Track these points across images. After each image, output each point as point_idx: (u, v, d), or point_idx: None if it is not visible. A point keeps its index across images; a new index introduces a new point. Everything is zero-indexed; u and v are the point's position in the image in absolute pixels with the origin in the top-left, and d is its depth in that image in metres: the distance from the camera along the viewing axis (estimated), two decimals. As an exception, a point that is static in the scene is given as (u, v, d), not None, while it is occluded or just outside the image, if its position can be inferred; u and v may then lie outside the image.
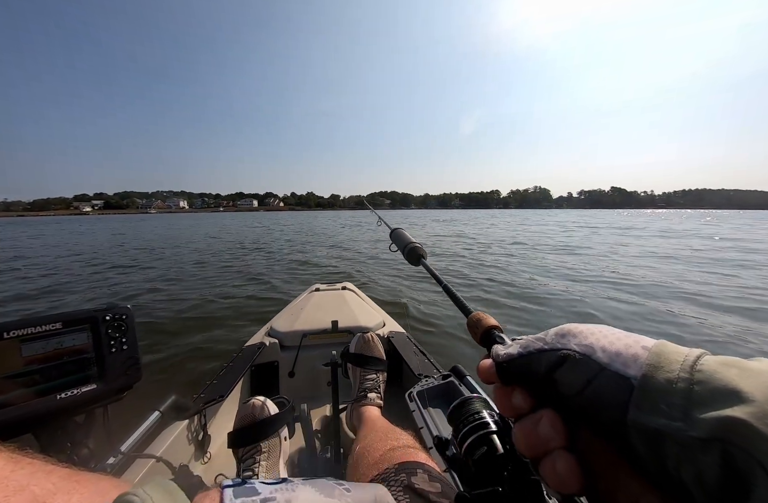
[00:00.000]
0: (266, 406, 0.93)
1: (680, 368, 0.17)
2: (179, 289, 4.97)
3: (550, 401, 0.22)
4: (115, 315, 0.67)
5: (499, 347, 0.26)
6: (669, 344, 0.19)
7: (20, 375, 0.57)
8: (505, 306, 3.94)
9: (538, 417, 0.22)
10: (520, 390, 0.24)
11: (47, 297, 4.57)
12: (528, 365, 0.23)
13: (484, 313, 0.39)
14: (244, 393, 1.41)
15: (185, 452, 1.01)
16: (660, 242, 11.82)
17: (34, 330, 0.58)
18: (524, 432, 0.22)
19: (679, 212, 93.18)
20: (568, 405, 0.21)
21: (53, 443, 0.61)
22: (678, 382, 0.17)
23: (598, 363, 0.20)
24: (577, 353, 0.21)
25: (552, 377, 0.21)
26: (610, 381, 0.19)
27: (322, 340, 1.56)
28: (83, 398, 0.62)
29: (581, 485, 0.19)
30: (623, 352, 0.19)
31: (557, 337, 0.23)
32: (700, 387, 0.16)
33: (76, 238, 15.97)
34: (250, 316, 3.67)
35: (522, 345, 0.24)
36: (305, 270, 6.50)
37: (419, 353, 1.44)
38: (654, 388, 0.17)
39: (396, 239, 0.93)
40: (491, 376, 0.26)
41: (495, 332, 0.35)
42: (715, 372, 0.17)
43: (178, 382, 2.25)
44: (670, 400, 0.17)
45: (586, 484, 0.19)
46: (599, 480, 0.19)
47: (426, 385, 1.14)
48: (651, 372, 0.18)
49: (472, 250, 9.32)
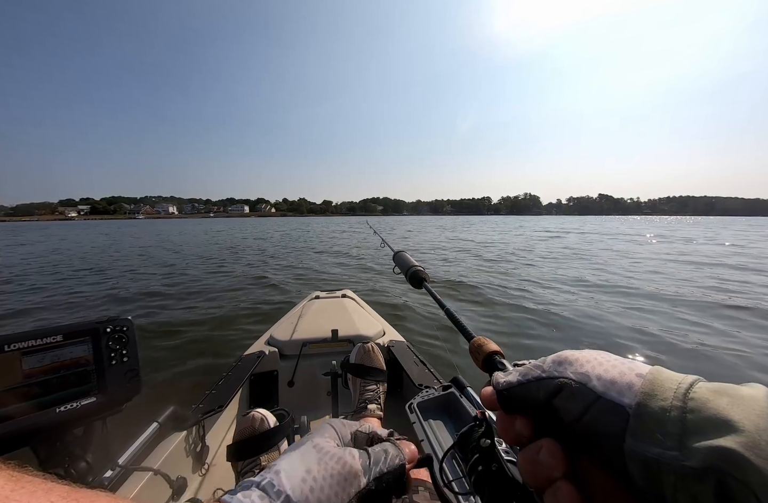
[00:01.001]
0: (266, 418, 0.91)
1: (673, 396, 0.18)
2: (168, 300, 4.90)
3: (551, 428, 0.22)
4: (116, 327, 0.67)
5: (499, 375, 0.27)
6: (664, 371, 0.20)
7: (20, 388, 0.57)
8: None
9: (539, 445, 0.22)
10: (521, 418, 0.24)
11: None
12: (527, 393, 0.23)
13: (485, 338, 0.40)
14: (243, 403, 1.39)
15: (183, 464, 0.99)
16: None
17: (35, 343, 0.58)
18: (527, 461, 0.22)
19: (680, 219, 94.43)
20: (568, 433, 0.21)
21: (51, 456, 0.60)
22: (671, 411, 0.17)
23: (594, 392, 0.20)
24: (573, 382, 0.21)
25: (551, 404, 0.22)
26: (606, 410, 0.19)
27: (322, 349, 1.54)
28: (83, 411, 0.62)
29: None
30: (618, 380, 0.20)
31: (554, 365, 0.23)
32: (693, 415, 0.17)
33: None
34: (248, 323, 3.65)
35: (521, 373, 0.25)
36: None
37: (419, 363, 1.42)
38: (648, 417, 0.17)
39: (399, 261, 0.93)
40: (493, 403, 0.26)
41: (496, 357, 0.36)
42: (708, 401, 0.17)
43: (177, 392, 2.22)
44: (665, 429, 0.17)
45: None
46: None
47: (426, 396, 1.12)
48: (645, 401, 0.18)
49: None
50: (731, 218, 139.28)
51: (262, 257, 9.71)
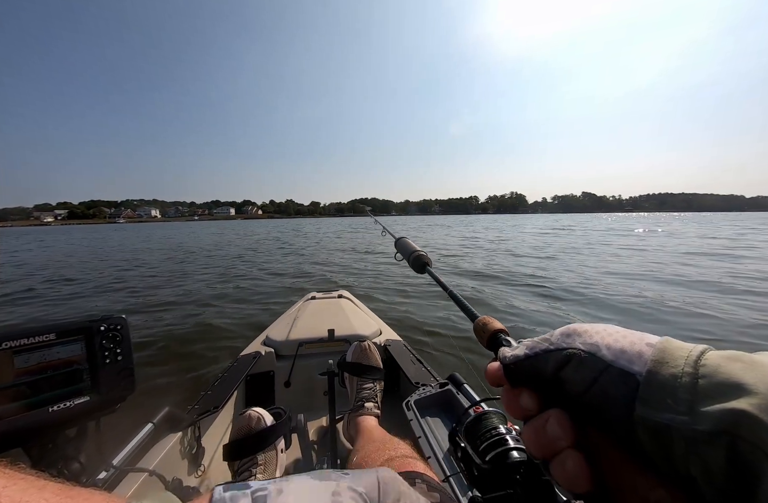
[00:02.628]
0: (262, 417, 0.91)
1: (684, 363, 0.17)
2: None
3: (558, 401, 0.22)
4: (110, 326, 0.66)
5: (505, 350, 0.26)
6: (673, 340, 0.19)
7: (12, 388, 0.56)
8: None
9: (546, 417, 0.22)
10: (527, 391, 0.24)
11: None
12: (535, 366, 0.23)
13: (490, 317, 0.40)
14: (239, 404, 1.38)
15: (179, 465, 0.98)
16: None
17: (27, 341, 0.57)
18: (533, 433, 0.22)
19: (674, 216, 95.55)
20: (576, 404, 0.21)
21: (44, 457, 0.59)
22: (683, 377, 0.17)
23: (604, 361, 0.20)
24: (582, 352, 0.21)
25: (559, 376, 0.21)
26: (615, 378, 0.19)
27: (318, 349, 1.54)
28: (76, 411, 0.61)
29: (591, 483, 0.19)
30: (628, 349, 0.19)
31: (562, 337, 0.23)
32: (704, 380, 0.16)
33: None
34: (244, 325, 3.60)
35: (528, 346, 0.24)
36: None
37: (416, 362, 1.43)
38: (659, 383, 0.17)
39: (401, 248, 0.93)
40: (499, 378, 0.26)
41: (501, 335, 0.36)
42: (719, 366, 0.17)
43: (172, 393, 2.18)
44: (676, 395, 0.17)
45: (595, 482, 0.19)
46: (608, 477, 0.19)
47: (423, 394, 1.13)
48: (656, 368, 0.18)
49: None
50: (711, 214, 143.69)
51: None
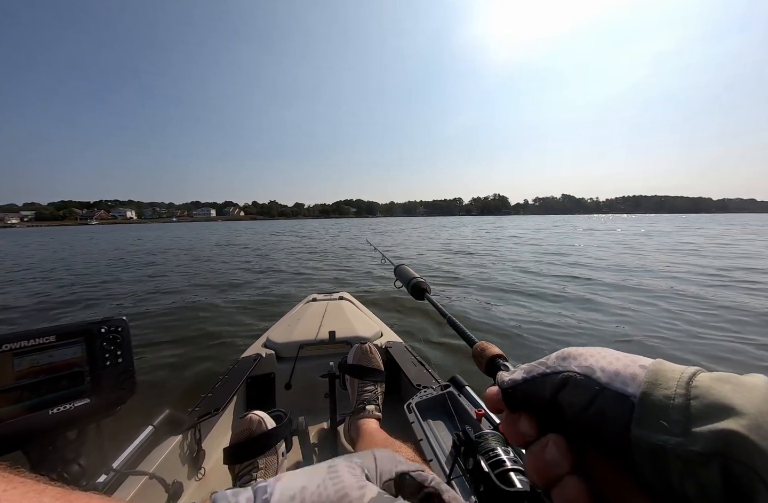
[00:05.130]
0: (263, 420, 0.90)
1: (677, 385, 0.18)
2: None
3: (556, 425, 0.22)
4: (111, 328, 0.66)
5: (503, 374, 0.26)
6: (666, 362, 0.20)
7: (11, 390, 0.55)
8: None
9: (544, 442, 0.22)
10: (526, 416, 0.24)
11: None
12: (532, 390, 0.23)
13: (488, 342, 0.40)
14: (240, 406, 1.37)
15: (179, 468, 0.97)
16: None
17: (27, 344, 0.57)
18: (533, 459, 0.22)
19: (657, 217, 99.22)
20: (573, 427, 0.21)
21: (44, 460, 0.59)
22: (675, 398, 0.17)
23: (599, 383, 0.20)
24: (578, 375, 0.21)
25: (556, 399, 0.22)
26: (610, 400, 0.19)
27: (319, 351, 1.53)
28: (76, 413, 0.61)
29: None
30: (622, 371, 0.20)
31: (558, 360, 0.23)
32: (696, 402, 0.17)
33: None
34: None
35: (525, 370, 0.25)
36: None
37: (417, 364, 1.43)
38: (653, 405, 0.18)
39: (400, 275, 0.94)
40: (498, 403, 0.26)
41: (499, 360, 0.37)
42: (710, 388, 0.17)
43: (172, 395, 2.15)
44: (669, 416, 0.17)
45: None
46: (608, 499, 0.19)
47: (425, 396, 1.13)
48: (649, 390, 0.18)
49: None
50: (684, 215, 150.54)
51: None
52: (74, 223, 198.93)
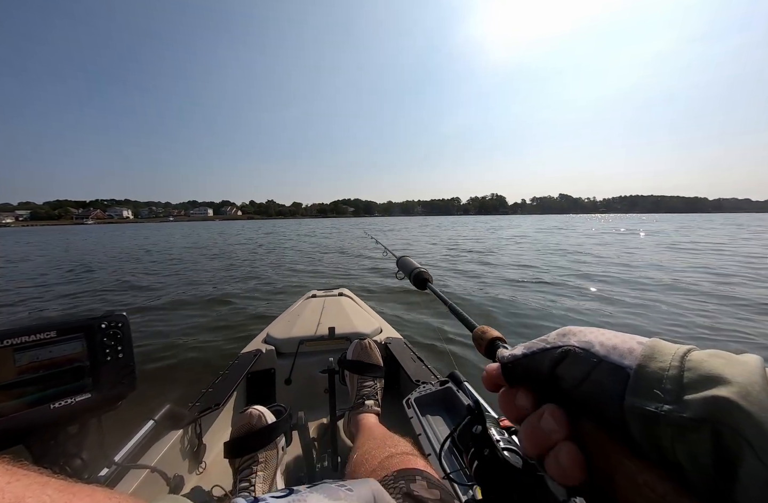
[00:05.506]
0: (263, 415, 0.91)
1: (672, 358, 0.19)
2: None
3: (553, 398, 0.23)
4: (111, 323, 0.66)
5: (503, 351, 0.27)
6: (662, 340, 0.21)
7: (13, 385, 0.56)
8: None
9: (540, 412, 0.23)
10: (524, 390, 0.25)
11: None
12: (532, 364, 0.24)
13: (488, 326, 0.42)
14: (240, 402, 1.38)
15: (180, 462, 0.98)
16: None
17: (28, 339, 0.57)
18: (529, 429, 0.23)
19: (662, 216, 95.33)
20: (570, 398, 0.22)
21: (46, 454, 0.60)
22: (670, 370, 0.18)
23: (597, 355, 0.21)
24: (577, 348, 0.22)
25: (555, 373, 0.22)
26: (608, 371, 0.20)
27: (319, 347, 1.54)
28: (77, 407, 0.61)
29: (584, 475, 0.20)
30: (620, 346, 0.21)
31: (558, 336, 0.24)
32: (689, 373, 0.18)
33: None
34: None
35: (526, 347, 0.25)
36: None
37: (416, 360, 1.45)
38: (648, 375, 0.19)
39: (402, 266, 0.95)
40: (497, 378, 0.26)
41: (499, 342, 0.37)
42: (703, 361, 0.18)
43: (173, 390, 2.16)
44: (663, 386, 0.18)
45: (588, 474, 0.20)
46: (599, 464, 0.20)
47: (423, 391, 1.15)
48: (645, 362, 0.19)
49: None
50: (680, 215, 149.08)
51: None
52: (70, 222, 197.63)
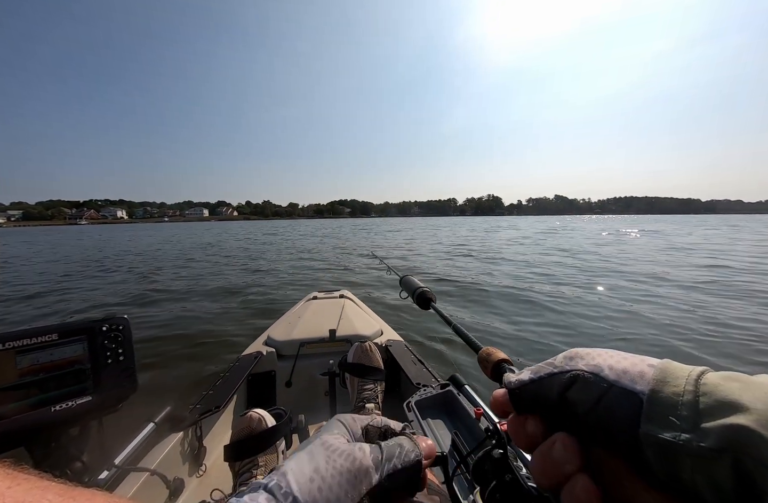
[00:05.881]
0: (264, 419, 0.90)
1: (686, 382, 0.18)
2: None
3: (564, 425, 0.22)
4: (112, 326, 0.67)
5: (510, 375, 0.26)
6: (673, 362, 0.20)
7: (14, 388, 0.56)
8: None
9: (552, 441, 0.22)
10: (533, 417, 0.24)
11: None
12: (540, 390, 0.23)
13: (493, 348, 0.41)
14: (241, 404, 1.37)
15: (180, 465, 0.98)
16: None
17: (30, 342, 0.58)
18: (540, 459, 0.22)
19: (658, 218, 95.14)
20: (581, 426, 0.21)
21: (47, 456, 0.60)
22: (684, 395, 0.17)
23: (607, 380, 0.20)
24: (586, 373, 0.21)
25: (564, 398, 0.21)
26: (619, 397, 0.19)
27: (319, 349, 1.54)
28: (78, 410, 0.62)
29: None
30: (630, 369, 0.20)
31: (566, 360, 0.23)
32: (705, 398, 0.17)
33: None
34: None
35: (533, 371, 0.24)
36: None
37: (417, 362, 1.44)
38: (662, 401, 0.18)
39: (405, 285, 0.94)
40: (505, 405, 0.25)
41: (505, 365, 0.37)
42: (719, 385, 0.17)
43: (174, 393, 2.14)
44: (679, 412, 0.17)
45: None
46: (617, 499, 0.19)
47: (424, 395, 1.14)
48: (658, 387, 0.18)
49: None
50: (674, 216, 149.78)
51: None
52: (63, 223, 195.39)
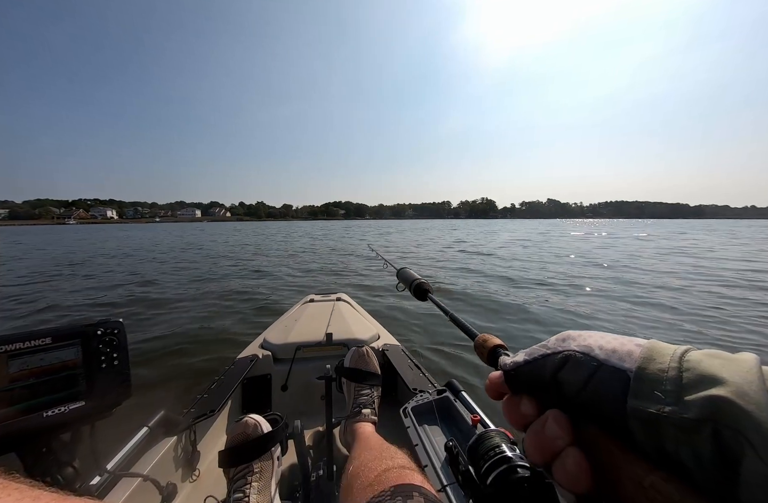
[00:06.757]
0: (259, 424, 0.89)
1: (670, 359, 0.19)
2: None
3: (556, 403, 0.23)
4: (107, 330, 0.66)
5: (505, 358, 0.28)
6: (659, 342, 0.21)
7: (6, 392, 0.55)
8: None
9: (544, 418, 0.23)
10: (527, 397, 0.25)
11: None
12: (534, 370, 0.24)
13: (489, 334, 0.42)
14: (236, 408, 1.36)
15: (173, 470, 0.96)
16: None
17: (23, 346, 0.57)
18: (533, 436, 0.23)
19: (654, 222, 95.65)
20: (573, 403, 0.22)
21: (38, 462, 0.59)
22: (669, 371, 0.19)
23: (597, 359, 0.21)
24: (577, 353, 0.22)
25: (557, 378, 0.23)
26: (608, 375, 0.20)
27: (316, 353, 1.53)
28: (71, 415, 0.61)
29: (591, 480, 0.20)
30: (619, 349, 0.21)
31: (558, 341, 0.24)
32: (688, 373, 0.18)
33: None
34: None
35: (527, 353, 0.26)
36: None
37: (414, 367, 1.43)
38: (648, 377, 0.19)
39: (402, 278, 0.94)
40: (500, 386, 0.27)
41: (500, 350, 0.38)
42: (701, 361, 0.18)
43: (168, 396, 2.11)
44: (663, 387, 0.18)
45: (595, 479, 0.20)
46: (605, 468, 0.20)
47: (421, 400, 1.13)
48: (644, 364, 0.19)
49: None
50: (668, 220, 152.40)
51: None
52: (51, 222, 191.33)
